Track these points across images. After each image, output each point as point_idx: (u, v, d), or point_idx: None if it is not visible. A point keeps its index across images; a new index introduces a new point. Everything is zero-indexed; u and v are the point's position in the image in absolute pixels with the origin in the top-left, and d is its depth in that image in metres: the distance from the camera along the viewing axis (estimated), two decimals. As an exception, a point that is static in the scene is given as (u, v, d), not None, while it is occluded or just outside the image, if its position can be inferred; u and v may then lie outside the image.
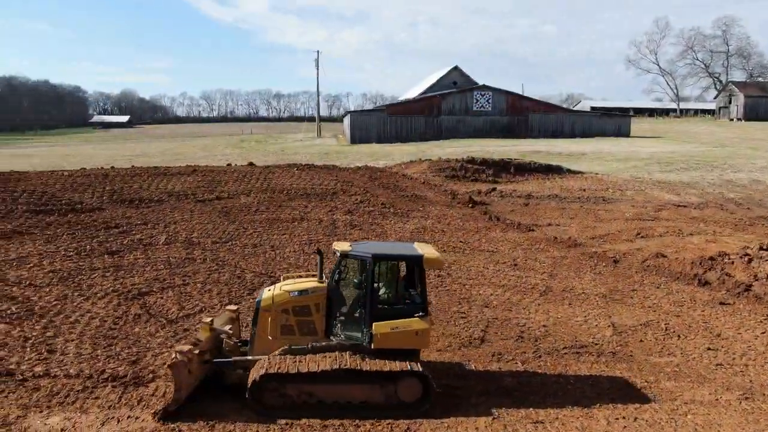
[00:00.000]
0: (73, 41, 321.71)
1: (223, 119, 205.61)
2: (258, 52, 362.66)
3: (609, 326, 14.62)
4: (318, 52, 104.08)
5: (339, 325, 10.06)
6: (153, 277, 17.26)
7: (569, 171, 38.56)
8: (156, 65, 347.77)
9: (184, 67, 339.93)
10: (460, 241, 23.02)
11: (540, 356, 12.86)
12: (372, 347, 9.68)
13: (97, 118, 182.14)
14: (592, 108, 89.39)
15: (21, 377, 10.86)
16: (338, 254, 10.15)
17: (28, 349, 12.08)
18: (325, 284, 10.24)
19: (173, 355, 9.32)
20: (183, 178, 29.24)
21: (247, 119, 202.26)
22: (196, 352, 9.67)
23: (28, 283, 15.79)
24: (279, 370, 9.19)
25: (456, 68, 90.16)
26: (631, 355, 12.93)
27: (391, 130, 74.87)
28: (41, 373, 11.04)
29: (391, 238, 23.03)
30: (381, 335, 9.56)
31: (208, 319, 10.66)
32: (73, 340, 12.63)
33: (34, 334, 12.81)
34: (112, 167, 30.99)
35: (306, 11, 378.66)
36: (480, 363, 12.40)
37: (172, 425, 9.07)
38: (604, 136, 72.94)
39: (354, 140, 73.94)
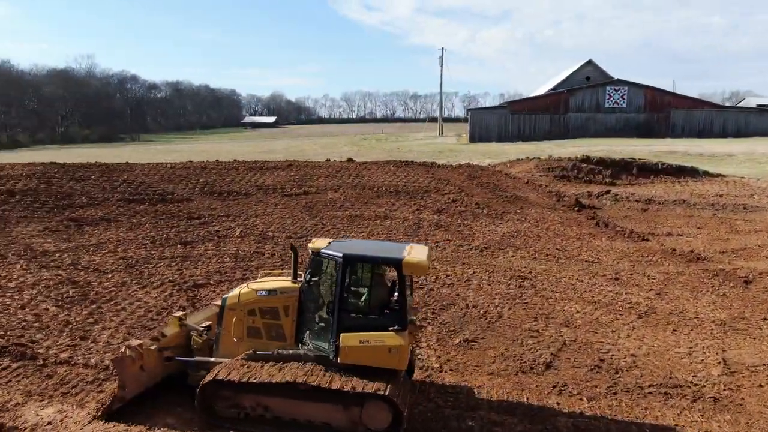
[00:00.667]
0: (231, 48, 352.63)
1: (361, 120, 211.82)
2: (399, 53, 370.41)
3: (719, 363, 11.66)
4: (442, 49, 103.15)
5: (308, 332, 8.83)
6: (215, 269, 17.10)
7: (706, 173, 33.50)
8: (303, 69, 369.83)
9: (327, 70, 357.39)
10: (557, 248, 20.45)
11: (615, 393, 10.46)
12: (338, 361, 8.38)
13: (248, 119, 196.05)
14: (759, 106, 77.89)
15: (42, 362, 10.84)
16: (311, 253, 8.91)
17: (65, 334, 12.18)
18: (298, 285, 9.04)
19: (122, 349, 8.70)
20: (276, 172, 29.50)
21: (384, 120, 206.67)
22: (153, 347, 9.00)
23: (95, 268, 16.32)
24: (230, 377, 8.19)
25: (590, 62, 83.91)
26: (740, 404, 10.06)
27: (513, 128, 71.58)
28: (63, 360, 10.96)
29: (478, 241, 21.09)
30: (348, 348, 8.25)
31: (180, 313, 9.92)
32: (110, 329, 12.57)
33: (77, 319, 12.95)
34: (217, 160, 32.17)
35: (449, 12, 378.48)
36: (535, 394, 10.33)
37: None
38: (764, 136, 63.47)
39: (473, 139, 71.77)
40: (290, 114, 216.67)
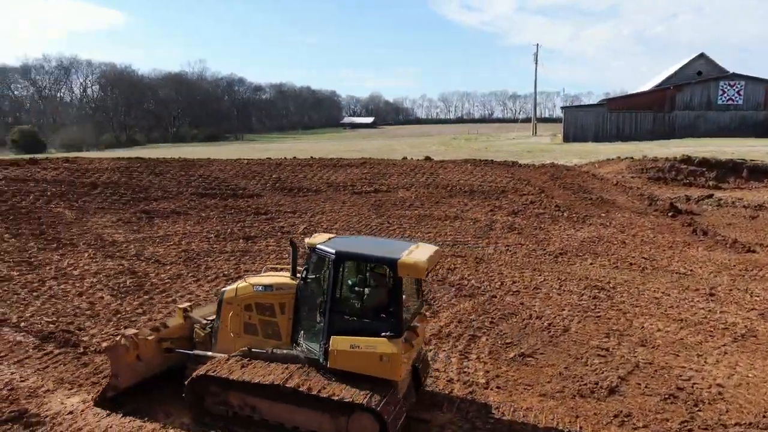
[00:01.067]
0: (332, 51, 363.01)
1: (459, 120, 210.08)
2: (499, 53, 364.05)
3: (830, 403, 9.68)
4: (537, 45, 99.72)
5: (302, 332, 8.32)
6: (271, 265, 16.87)
7: (835, 178, 29.35)
8: (401, 70, 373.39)
9: (425, 71, 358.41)
10: (643, 257, 18.49)
11: (690, 430, 8.91)
12: (327, 365, 7.88)
13: (347, 119, 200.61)
14: None
15: (82, 350, 10.97)
16: (307, 248, 8.40)
17: (112, 323, 12.33)
18: (296, 282, 8.47)
19: (118, 338, 8.70)
20: (350, 169, 29.25)
21: (482, 120, 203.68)
22: (150, 337, 8.92)
23: (156, 259, 16.65)
24: (217, 373, 7.99)
25: (701, 56, 77.17)
26: None
27: (611, 127, 67.40)
28: (102, 349, 11.03)
29: (554, 246, 19.54)
30: (337, 352, 7.74)
31: (185, 305, 9.63)
32: (155, 320, 12.58)
33: (128, 309, 13.13)
34: (294, 158, 32.52)
35: (551, 10, 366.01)
36: (591, 423, 9.02)
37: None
38: None
39: (567, 138, 68.40)
40: (388, 114, 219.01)
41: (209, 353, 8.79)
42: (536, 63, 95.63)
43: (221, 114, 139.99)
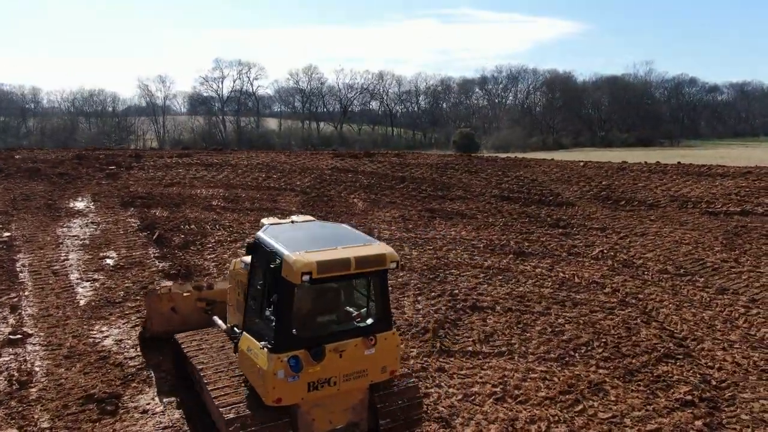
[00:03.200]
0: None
1: None
2: None
3: None
4: None
5: (246, 321, 7.45)
6: (517, 292, 13.27)
7: None
8: None
9: None
10: None
11: None
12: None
13: None
14: None
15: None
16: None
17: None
18: None
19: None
20: (721, 180, 21.66)
21: None
22: (186, 293, 9.52)
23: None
24: (180, 341, 8.29)
25: None
26: None
27: None
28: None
29: None
30: (240, 353, 7.02)
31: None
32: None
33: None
34: (644, 162, 26.31)
35: None
36: None
37: None
38: None
39: None
40: None
41: (219, 322, 8.57)
42: None
43: (658, 117, 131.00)
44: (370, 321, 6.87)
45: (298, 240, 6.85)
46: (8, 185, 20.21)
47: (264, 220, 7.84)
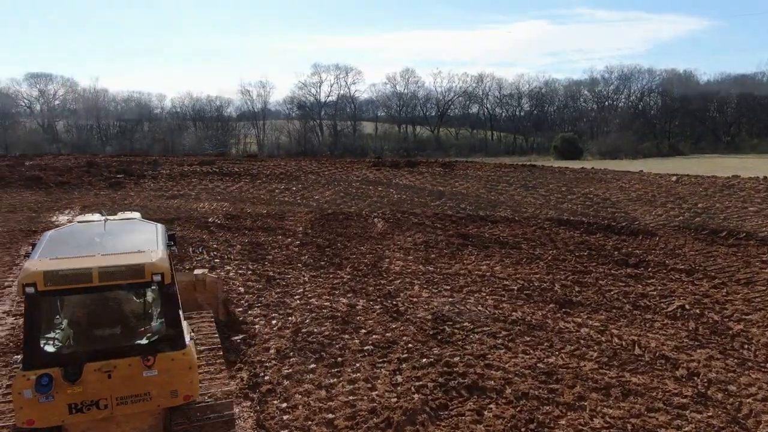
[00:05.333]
0: None
1: None
2: None
3: None
4: None
5: None
6: (512, 371, 9.40)
7: None
8: None
9: None
10: None
11: None
12: None
13: None
14: None
15: None
16: None
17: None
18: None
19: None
20: None
21: None
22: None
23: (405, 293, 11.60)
24: None
25: None
26: None
27: None
28: None
29: None
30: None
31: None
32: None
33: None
34: (764, 178, 20.88)
35: None
36: None
37: None
38: None
39: None
40: None
41: None
42: None
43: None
44: (150, 339, 6.38)
45: (66, 244, 6.51)
46: (0, 195, 18.85)
47: (78, 217, 7.39)
